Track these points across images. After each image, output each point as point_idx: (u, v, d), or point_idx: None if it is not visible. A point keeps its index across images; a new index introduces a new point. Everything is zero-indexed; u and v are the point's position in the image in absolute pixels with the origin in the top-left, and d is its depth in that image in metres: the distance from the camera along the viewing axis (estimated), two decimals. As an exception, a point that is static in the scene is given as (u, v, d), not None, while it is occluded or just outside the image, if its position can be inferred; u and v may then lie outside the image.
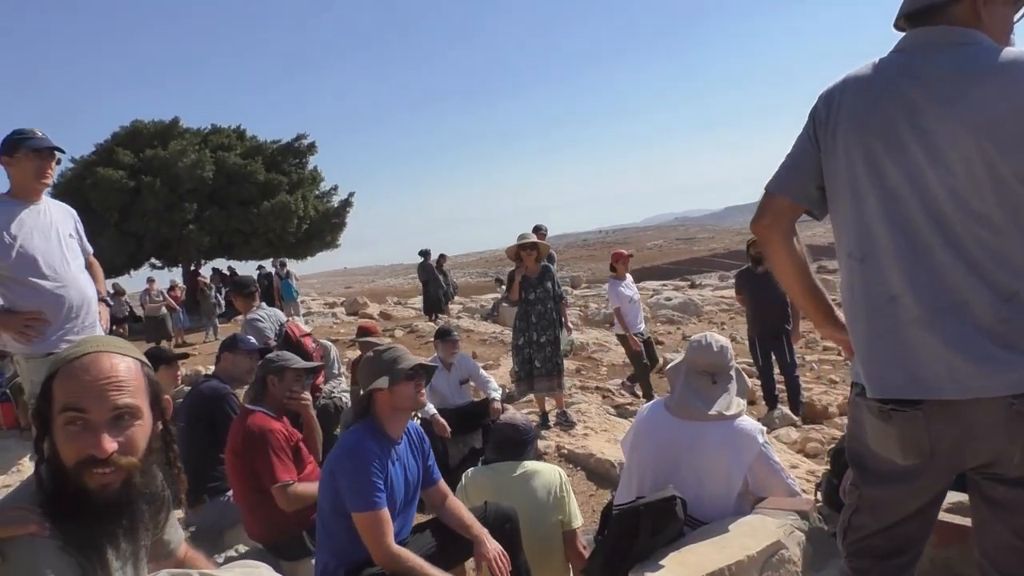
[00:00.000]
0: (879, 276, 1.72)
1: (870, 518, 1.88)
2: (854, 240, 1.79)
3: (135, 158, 22.74)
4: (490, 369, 9.14)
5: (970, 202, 1.61)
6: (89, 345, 1.46)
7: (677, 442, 2.96)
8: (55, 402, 1.40)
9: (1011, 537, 1.69)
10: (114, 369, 1.43)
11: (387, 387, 2.79)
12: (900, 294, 1.68)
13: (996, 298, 1.59)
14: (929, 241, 1.65)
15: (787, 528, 2.72)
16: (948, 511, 2.48)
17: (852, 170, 1.76)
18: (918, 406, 1.64)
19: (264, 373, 3.62)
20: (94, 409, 1.39)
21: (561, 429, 6.31)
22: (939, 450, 1.67)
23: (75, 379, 1.40)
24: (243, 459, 3.40)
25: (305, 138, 25.97)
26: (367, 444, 2.75)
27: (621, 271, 8.18)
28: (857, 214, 1.77)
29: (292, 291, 17.61)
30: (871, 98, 1.75)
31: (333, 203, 26.40)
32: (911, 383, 1.65)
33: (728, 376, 3.08)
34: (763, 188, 1.96)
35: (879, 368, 1.72)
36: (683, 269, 38.93)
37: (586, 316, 16.97)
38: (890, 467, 1.77)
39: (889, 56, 1.80)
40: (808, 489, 4.65)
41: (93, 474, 1.38)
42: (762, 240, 1.97)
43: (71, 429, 1.38)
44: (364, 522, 2.66)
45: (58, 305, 3.40)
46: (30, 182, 3.39)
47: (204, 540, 3.90)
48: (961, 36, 1.70)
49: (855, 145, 1.76)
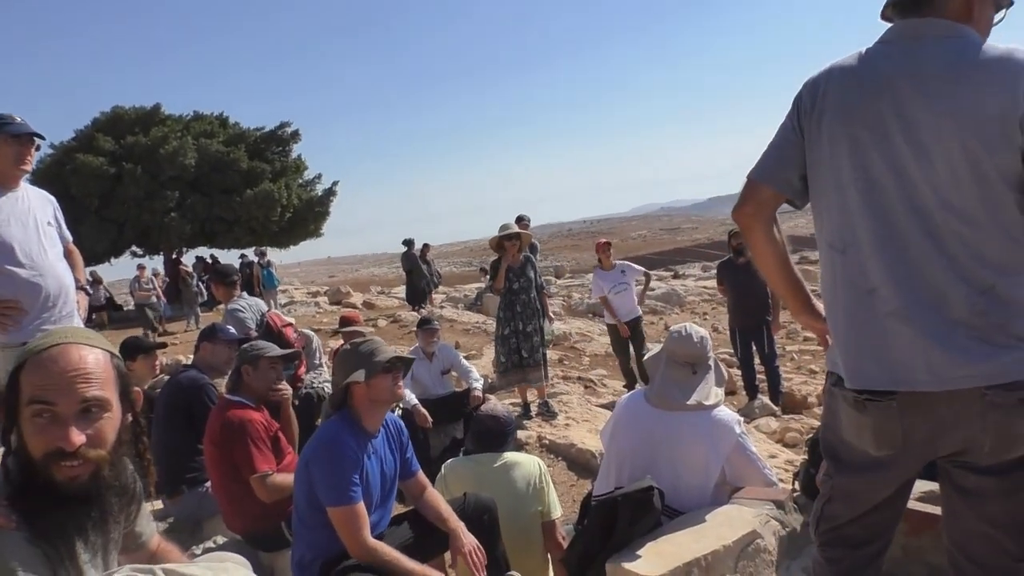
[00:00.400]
0: (859, 268, 1.74)
1: (843, 507, 1.90)
2: (835, 231, 1.79)
3: (116, 145, 22.49)
4: (473, 359, 9.15)
5: (951, 197, 1.63)
6: (57, 336, 1.45)
7: (655, 432, 2.98)
8: (22, 394, 1.39)
9: (981, 525, 1.72)
10: (82, 361, 1.41)
11: (364, 380, 2.78)
12: (879, 286, 1.69)
13: (973, 291, 1.61)
14: (909, 234, 1.66)
15: (763, 518, 2.75)
16: (919, 500, 2.51)
17: (836, 160, 1.77)
18: (892, 397, 1.67)
19: (239, 363, 3.61)
20: (62, 402, 1.38)
21: (543, 419, 6.32)
22: (912, 440, 1.70)
23: (43, 371, 1.38)
24: (222, 449, 3.39)
25: (289, 126, 25.80)
26: (343, 438, 2.75)
27: (603, 261, 8.21)
28: (840, 205, 1.77)
29: (273, 280, 17.66)
30: (858, 88, 1.75)
31: (317, 192, 26.25)
32: (887, 374, 1.67)
33: (707, 367, 3.10)
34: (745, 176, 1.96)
35: (857, 359, 1.74)
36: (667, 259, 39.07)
37: (569, 306, 17.01)
38: (863, 457, 1.79)
39: (876, 46, 1.80)
40: (787, 479, 4.69)
41: (61, 467, 1.38)
42: (743, 228, 1.97)
43: (38, 421, 1.37)
44: (339, 517, 2.65)
45: (35, 294, 3.36)
46: (9, 168, 3.35)
47: (182, 531, 3.89)
48: (950, 29, 1.70)
49: (840, 135, 1.76)
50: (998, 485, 1.67)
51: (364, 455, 2.79)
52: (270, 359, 3.60)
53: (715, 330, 12.31)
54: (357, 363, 2.83)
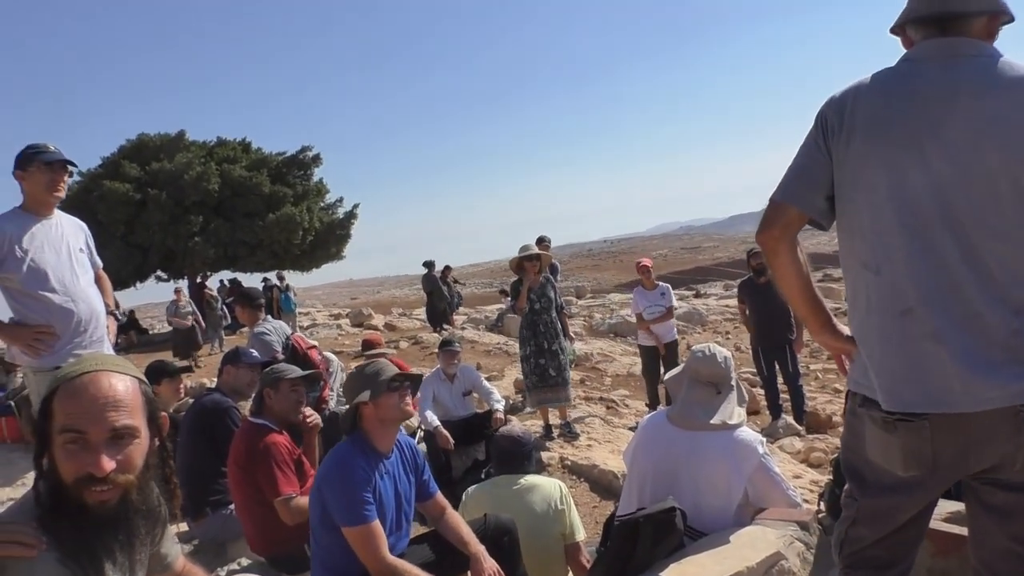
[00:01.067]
0: (893, 288, 1.72)
1: (868, 529, 1.88)
2: (868, 251, 1.77)
3: (141, 171, 22.82)
4: (495, 380, 9.15)
5: (989, 216, 1.62)
6: (88, 364, 1.48)
7: (677, 452, 2.97)
8: (54, 420, 1.42)
9: (1009, 543, 1.70)
10: (112, 389, 1.44)
11: (369, 400, 2.82)
12: (915, 306, 1.68)
13: (1009, 312, 1.61)
14: (946, 254, 1.65)
15: (787, 539, 2.72)
16: (945, 520, 2.49)
17: (869, 180, 1.74)
18: (924, 416, 1.65)
19: (261, 386, 3.65)
20: (93, 429, 1.40)
21: (565, 440, 6.31)
22: (941, 461, 1.68)
23: (74, 399, 1.41)
24: (246, 472, 3.41)
25: (310, 150, 26.04)
26: (354, 459, 2.78)
27: (645, 281, 8.19)
28: (873, 225, 1.75)
29: (291, 304, 18.06)
30: (891, 107, 1.73)
31: (338, 215, 26.43)
32: (923, 396, 1.66)
33: (730, 387, 3.10)
34: (768, 198, 1.92)
35: (891, 381, 1.71)
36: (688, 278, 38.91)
37: (591, 326, 16.96)
38: (890, 478, 1.77)
39: (905, 65, 1.79)
40: (812, 499, 4.64)
41: (91, 491, 1.40)
42: (768, 250, 1.93)
43: (70, 448, 1.40)
44: (356, 537, 2.67)
45: (67, 319, 3.43)
46: (42, 195, 3.43)
47: (207, 553, 3.92)
48: (978, 48, 1.71)
49: (874, 155, 1.74)
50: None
51: (376, 474, 2.80)
52: (291, 381, 3.63)
53: (738, 349, 12.24)
54: (363, 384, 2.87)
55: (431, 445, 5.46)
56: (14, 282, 3.34)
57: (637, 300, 8.17)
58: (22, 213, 3.43)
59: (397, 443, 2.99)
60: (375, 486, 2.77)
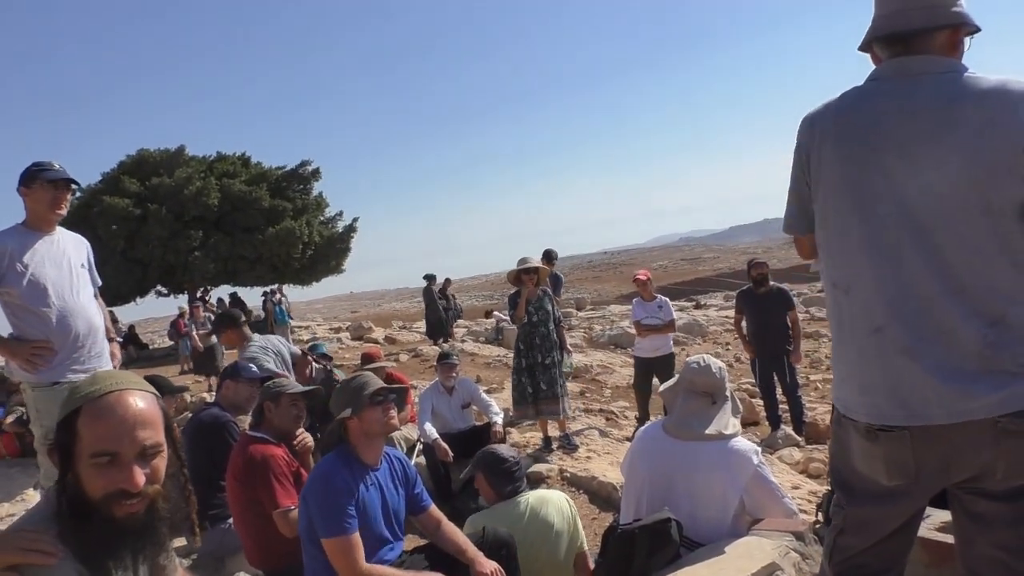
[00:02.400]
0: (864, 307, 1.76)
1: (856, 538, 1.90)
2: (838, 271, 1.83)
3: (141, 186, 22.87)
4: (494, 392, 9.14)
5: (960, 229, 1.64)
6: (109, 383, 1.51)
7: (673, 463, 2.98)
8: (81, 440, 1.45)
9: (994, 551, 1.72)
10: (137, 407, 1.49)
11: (354, 415, 2.86)
12: (885, 325, 1.71)
13: (983, 324, 1.62)
14: (917, 270, 1.68)
15: (783, 549, 2.73)
16: (939, 530, 2.49)
17: (838, 203, 1.80)
18: (904, 427, 1.68)
19: (261, 400, 3.66)
20: (124, 448, 1.45)
21: (564, 452, 6.31)
22: (925, 470, 1.71)
23: (103, 420, 1.45)
24: (244, 485, 3.43)
25: (309, 164, 26.10)
26: (338, 471, 2.81)
27: (643, 293, 8.17)
28: (842, 246, 1.80)
29: (285, 316, 18.64)
30: (857, 130, 1.77)
31: (338, 228, 26.47)
32: (901, 410, 1.69)
33: (725, 397, 3.11)
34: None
35: (870, 396, 1.75)
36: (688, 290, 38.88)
37: (591, 338, 16.95)
38: (876, 487, 1.80)
39: (870, 85, 1.82)
40: (810, 510, 4.64)
41: (121, 505, 1.44)
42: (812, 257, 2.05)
43: (101, 465, 1.44)
44: (334, 548, 2.69)
45: (65, 334, 3.45)
46: (45, 212, 3.46)
47: (205, 567, 3.92)
48: (942, 65, 1.73)
49: (840, 177, 1.78)
50: (1009, 510, 1.67)
51: (361, 485, 2.83)
52: (291, 396, 3.65)
53: (737, 360, 12.25)
54: (346, 399, 2.91)
55: (430, 458, 5.46)
56: (14, 297, 3.37)
57: (635, 311, 8.18)
58: (24, 229, 3.47)
59: (387, 456, 3.02)
60: (359, 497, 2.79)
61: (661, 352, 7.93)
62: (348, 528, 2.69)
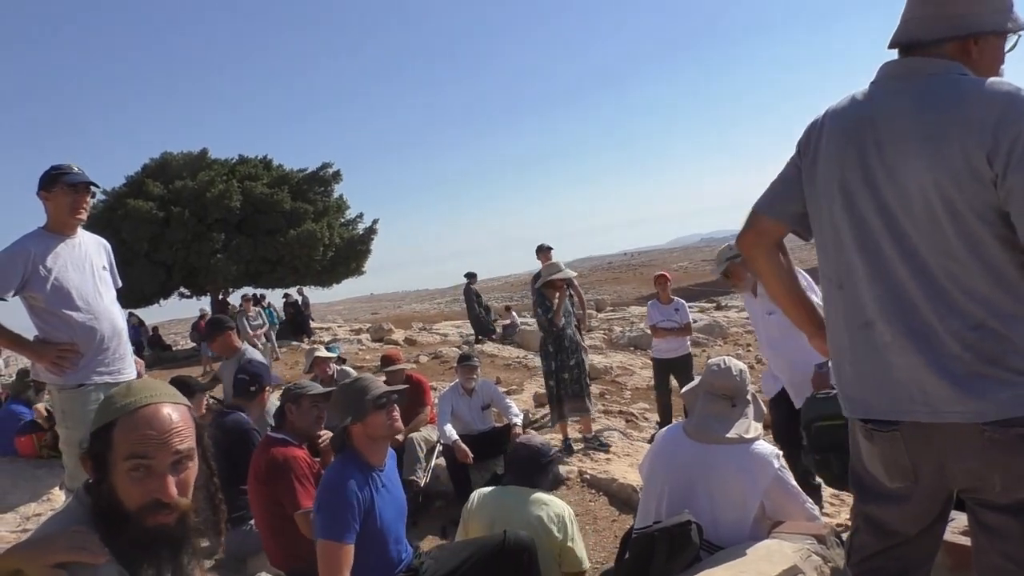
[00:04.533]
0: (856, 302, 1.79)
1: (870, 538, 1.92)
2: (832, 267, 1.86)
3: (165, 189, 23.08)
4: (514, 394, 9.16)
5: (932, 234, 1.65)
6: (144, 394, 1.55)
7: (693, 466, 2.97)
8: (116, 450, 1.49)
9: (1001, 560, 1.71)
10: (172, 419, 1.53)
11: (359, 420, 2.84)
12: (874, 320, 1.74)
13: (963, 326, 1.63)
14: (898, 270, 1.70)
15: (804, 553, 2.71)
16: (963, 534, 2.47)
17: (828, 201, 1.83)
18: (896, 427, 1.71)
19: (283, 402, 3.69)
20: (159, 458, 1.49)
21: (584, 454, 6.31)
22: (923, 472, 1.73)
23: (139, 431, 1.49)
24: (266, 486, 3.45)
25: (330, 166, 26.22)
26: (348, 478, 2.77)
27: (661, 295, 8.17)
28: (835, 241, 1.84)
29: (273, 318, 19.18)
30: (844, 132, 1.80)
31: (358, 230, 26.57)
32: (888, 405, 1.72)
33: (746, 400, 3.10)
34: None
35: (860, 390, 1.80)
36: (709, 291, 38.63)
37: (611, 340, 16.89)
38: (884, 488, 1.82)
39: (867, 87, 1.84)
40: (832, 513, 4.61)
41: (155, 516, 1.48)
42: (745, 255, 2.09)
43: (135, 475, 1.48)
44: (327, 551, 2.65)
45: (90, 337, 3.49)
46: (65, 216, 3.50)
47: (227, 568, 3.96)
48: (935, 67, 1.72)
49: (831, 176, 1.82)
50: (1016, 524, 1.66)
51: (372, 491, 2.81)
52: (312, 398, 3.68)
53: (759, 362, 12.15)
54: (348, 404, 2.88)
55: (450, 459, 5.47)
56: (39, 301, 3.41)
57: (651, 313, 8.16)
58: (46, 233, 3.50)
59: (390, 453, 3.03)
60: (373, 505, 2.78)
61: (679, 353, 7.91)
62: (346, 538, 2.66)
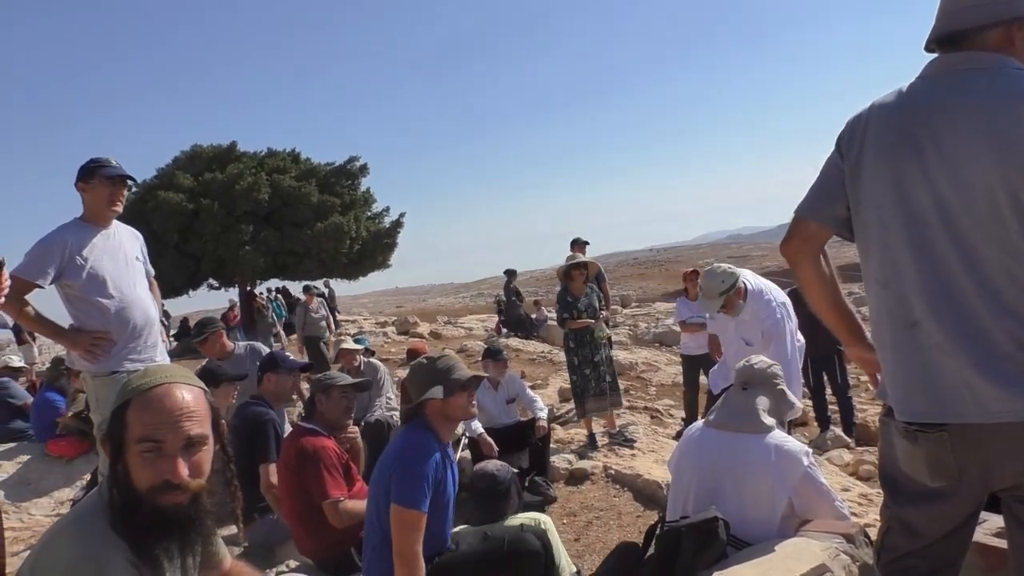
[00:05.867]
0: (901, 302, 1.75)
1: (903, 539, 1.90)
2: (877, 266, 1.82)
3: (194, 181, 23.34)
4: (539, 388, 9.16)
5: (994, 230, 1.62)
6: (159, 376, 1.56)
7: (720, 461, 2.96)
8: (130, 430, 1.50)
9: None
10: (185, 400, 1.54)
11: (442, 397, 2.80)
12: (922, 320, 1.70)
13: (1017, 325, 1.61)
14: (952, 268, 1.66)
15: (832, 551, 2.68)
16: (997, 536, 2.44)
17: (877, 197, 1.79)
18: (943, 428, 1.67)
19: (312, 392, 3.73)
20: (170, 439, 1.50)
21: (608, 449, 6.30)
22: (968, 472, 1.69)
23: (151, 411, 1.50)
24: (295, 475, 3.49)
25: (357, 160, 26.34)
26: (432, 452, 2.76)
27: (689, 290, 8.13)
28: (881, 240, 1.80)
29: (281, 312, 19.77)
30: (897, 125, 1.77)
31: (384, 224, 26.67)
32: (935, 407, 1.68)
33: (772, 392, 3.09)
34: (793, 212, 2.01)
35: (905, 392, 1.76)
36: (735, 287, 38.26)
37: (636, 335, 16.86)
38: (920, 488, 1.78)
39: (915, 82, 1.82)
40: (861, 512, 4.57)
41: (166, 496, 1.49)
42: (790, 262, 2.03)
43: (147, 456, 1.49)
44: (404, 517, 2.63)
45: (123, 325, 3.56)
46: (102, 208, 3.57)
47: (256, 557, 4.00)
48: (984, 62, 1.70)
49: (881, 172, 1.78)
50: None
51: (447, 470, 2.81)
52: (341, 388, 3.71)
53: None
54: (434, 378, 2.84)
55: (475, 452, 5.49)
56: (74, 289, 3.48)
57: (680, 310, 8.13)
58: (82, 223, 3.57)
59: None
60: (443, 481, 2.77)
61: (707, 349, 7.87)
62: (423, 505, 2.65)
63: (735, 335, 4.66)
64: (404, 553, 2.62)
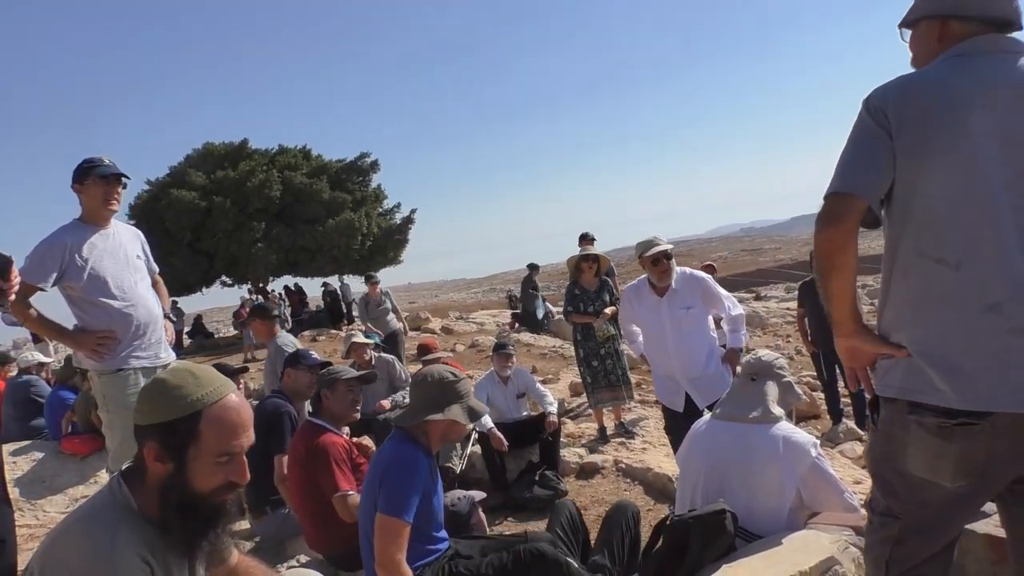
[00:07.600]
0: (980, 283, 1.66)
1: (917, 548, 1.83)
2: (942, 246, 1.70)
3: (207, 179, 23.46)
4: (550, 383, 9.15)
5: None
6: (218, 383, 1.63)
7: (728, 453, 2.95)
8: (204, 441, 1.56)
9: None
10: (245, 408, 1.65)
11: (458, 420, 2.86)
12: (1003, 301, 1.62)
13: None
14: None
15: (841, 544, 2.67)
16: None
17: (943, 176, 1.68)
18: (988, 416, 1.60)
19: (318, 388, 3.73)
20: (242, 445, 1.62)
21: (629, 440, 6.30)
22: (993, 464, 1.65)
23: (227, 425, 1.59)
24: (305, 470, 3.50)
25: (368, 156, 26.44)
26: (419, 459, 2.81)
27: None
28: (950, 218, 1.69)
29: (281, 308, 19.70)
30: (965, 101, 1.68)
31: (396, 220, 26.74)
32: (1009, 395, 1.60)
33: (776, 383, 3.08)
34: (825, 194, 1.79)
35: (970, 379, 1.65)
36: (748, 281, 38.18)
37: (647, 330, 16.80)
38: (931, 492, 1.73)
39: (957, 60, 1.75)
40: (872, 505, 4.53)
41: (226, 495, 1.61)
42: (840, 245, 1.76)
43: (221, 462, 1.58)
44: (388, 525, 2.67)
45: (127, 323, 3.58)
46: (99, 207, 3.58)
47: (266, 551, 4.02)
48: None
49: (943, 151, 1.68)
50: None
51: (435, 480, 2.87)
52: (347, 382, 3.71)
53: (798, 352, 12.00)
54: (450, 400, 2.88)
55: (485, 447, 5.49)
56: (76, 290, 3.50)
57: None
58: (81, 224, 3.59)
59: None
60: (430, 489, 2.82)
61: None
62: (408, 517, 2.69)
63: (669, 311, 4.68)
64: (385, 561, 2.66)
